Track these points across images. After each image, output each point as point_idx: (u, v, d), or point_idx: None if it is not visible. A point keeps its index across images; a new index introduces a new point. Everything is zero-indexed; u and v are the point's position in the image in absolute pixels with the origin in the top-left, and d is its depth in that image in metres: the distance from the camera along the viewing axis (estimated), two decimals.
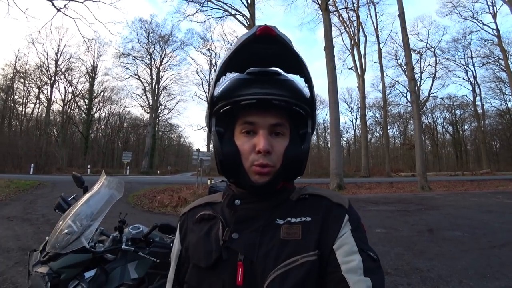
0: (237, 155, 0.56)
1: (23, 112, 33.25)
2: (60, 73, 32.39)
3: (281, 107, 0.56)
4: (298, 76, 0.61)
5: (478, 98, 35.40)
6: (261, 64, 0.60)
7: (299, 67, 0.58)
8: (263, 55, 0.57)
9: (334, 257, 0.51)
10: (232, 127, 0.59)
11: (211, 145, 31.00)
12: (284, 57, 0.57)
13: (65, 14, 13.35)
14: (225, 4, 20.67)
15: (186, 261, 0.62)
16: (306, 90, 0.60)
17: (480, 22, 30.10)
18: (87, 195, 1.65)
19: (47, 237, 1.52)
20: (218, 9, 21.00)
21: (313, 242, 0.53)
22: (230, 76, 0.60)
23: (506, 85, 31.67)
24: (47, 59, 31.61)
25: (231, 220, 0.58)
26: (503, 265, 3.67)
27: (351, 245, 0.52)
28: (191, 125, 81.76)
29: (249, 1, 20.12)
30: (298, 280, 0.49)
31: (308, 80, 0.59)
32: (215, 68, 33.92)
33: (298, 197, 0.60)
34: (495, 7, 28.16)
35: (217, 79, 0.58)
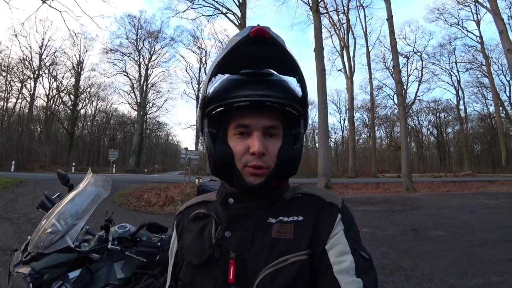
0: (230, 156, 0.56)
1: (4, 107, 31.96)
2: (44, 67, 31.37)
3: (275, 108, 0.55)
4: (290, 76, 0.60)
5: (461, 102, 36.70)
6: (254, 65, 0.58)
7: (292, 68, 0.57)
8: (256, 56, 0.56)
9: (326, 257, 0.51)
10: (225, 128, 0.58)
11: (199, 143, 30.75)
12: (277, 58, 0.56)
13: (51, 6, 12.91)
14: (217, 2, 20.57)
15: (181, 259, 0.62)
16: (298, 89, 0.59)
17: (464, 29, 31.23)
18: (72, 193, 1.61)
19: (29, 237, 1.47)
20: (209, 7, 20.89)
21: (304, 242, 0.52)
22: (222, 77, 0.58)
23: (488, 90, 32.97)
24: (30, 53, 30.54)
25: (224, 219, 0.58)
26: (483, 263, 3.80)
27: (344, 245, 0.52)
28: (180, 124, 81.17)
29: (240, 0, 20.07)
30: (289, 279, 0.49)
31: (301, 81, 0.58)
32: (205, 66, 33.66)
33: (291, 196, 0.60)
34: (479, 15, 29.21)
35: (209, 80, 0.57)
